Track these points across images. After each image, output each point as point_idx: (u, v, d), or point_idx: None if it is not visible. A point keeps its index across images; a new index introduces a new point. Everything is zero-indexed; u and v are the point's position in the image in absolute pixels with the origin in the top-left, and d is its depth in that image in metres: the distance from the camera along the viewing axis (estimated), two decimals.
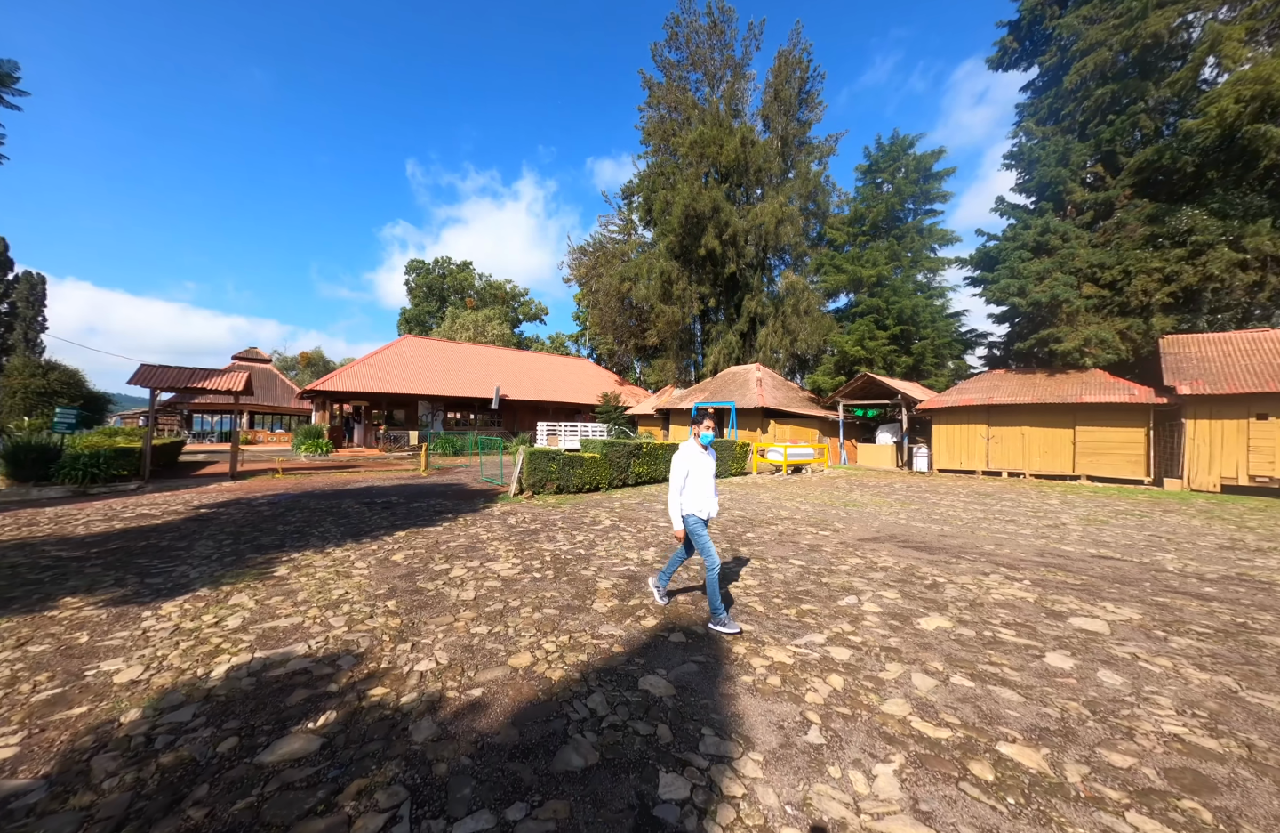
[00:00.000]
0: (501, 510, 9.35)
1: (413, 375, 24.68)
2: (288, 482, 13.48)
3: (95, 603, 4.48)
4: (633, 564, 5.79)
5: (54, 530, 7.71)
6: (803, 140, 32.11)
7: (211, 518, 8.64)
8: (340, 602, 4.46)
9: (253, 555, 6.11)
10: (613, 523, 8.31)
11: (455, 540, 6.88)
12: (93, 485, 11.85)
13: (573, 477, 11.27)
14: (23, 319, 35.07)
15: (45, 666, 3.30)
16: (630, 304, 33.26)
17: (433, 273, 62.59)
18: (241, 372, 15.07)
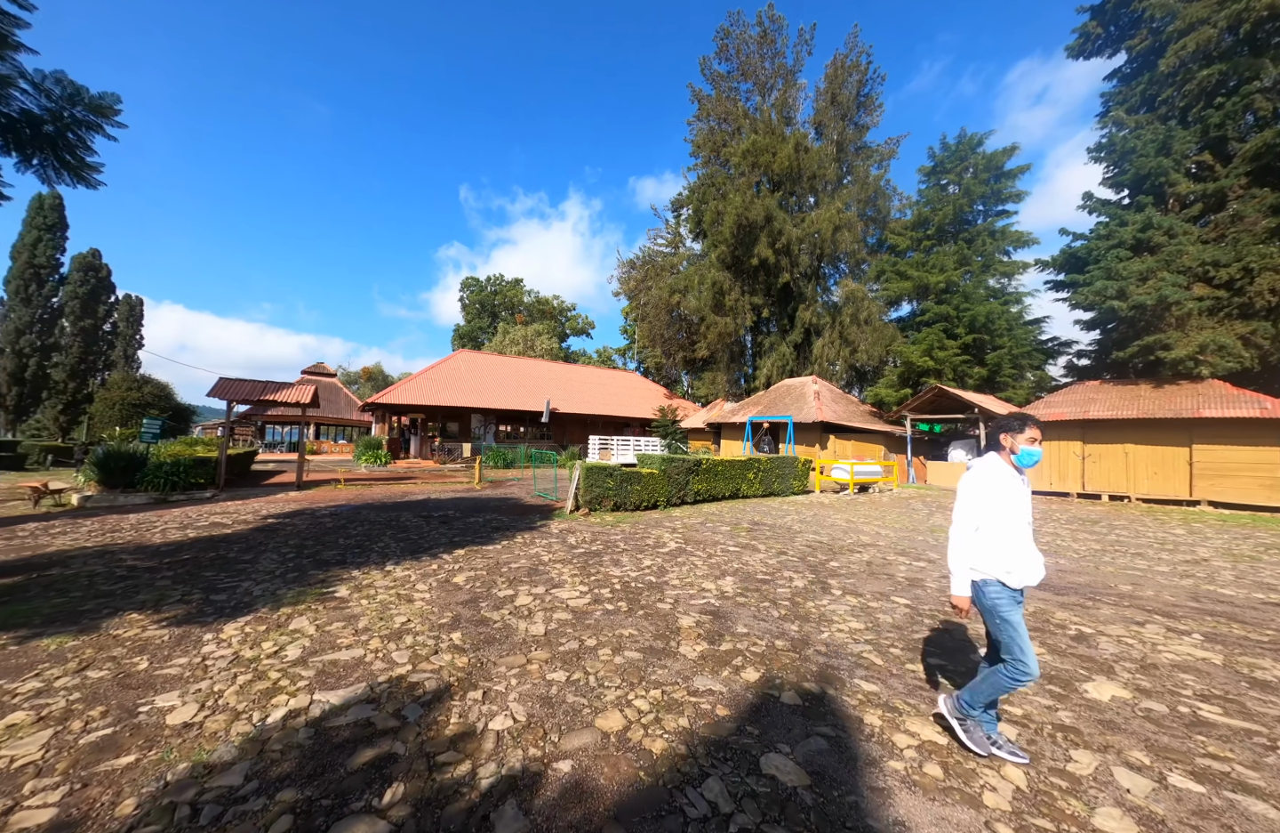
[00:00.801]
0: (559, 528, 8.95)
1: (466, 389, 25.15)
2: (349, 493, 13.70)
3: (160, 621, 4.32)
4: (712, 597, 5.18)
5: (133, 538, 7.91)
6: (860, 145, 31.15)
7: (278, 529, 8.68)
8: (403, 632, 4.09)
9: (315, 572, 5.93)
10: (678, 546, 7.72)
11: (516, 562, 6.49)
12: (173, 493, 12.40)
13: (630, 494, 10.78)
14: (123, 337, 38.65)
15: (101, 697, 3.06)
16: (679, 317, 32.91)
17: (485, 290, 64.81)
18: (309, 385, 15.62)
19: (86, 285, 34.15)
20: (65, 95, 5.95)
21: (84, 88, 6.12)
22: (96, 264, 34.94)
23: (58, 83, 5.92)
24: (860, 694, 3.22)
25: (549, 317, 62.93)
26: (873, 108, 31.12)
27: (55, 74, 5.88)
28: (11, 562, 6.39)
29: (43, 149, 5.97)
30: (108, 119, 6.34)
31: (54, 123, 5.93)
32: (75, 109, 6.02)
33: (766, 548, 7.66)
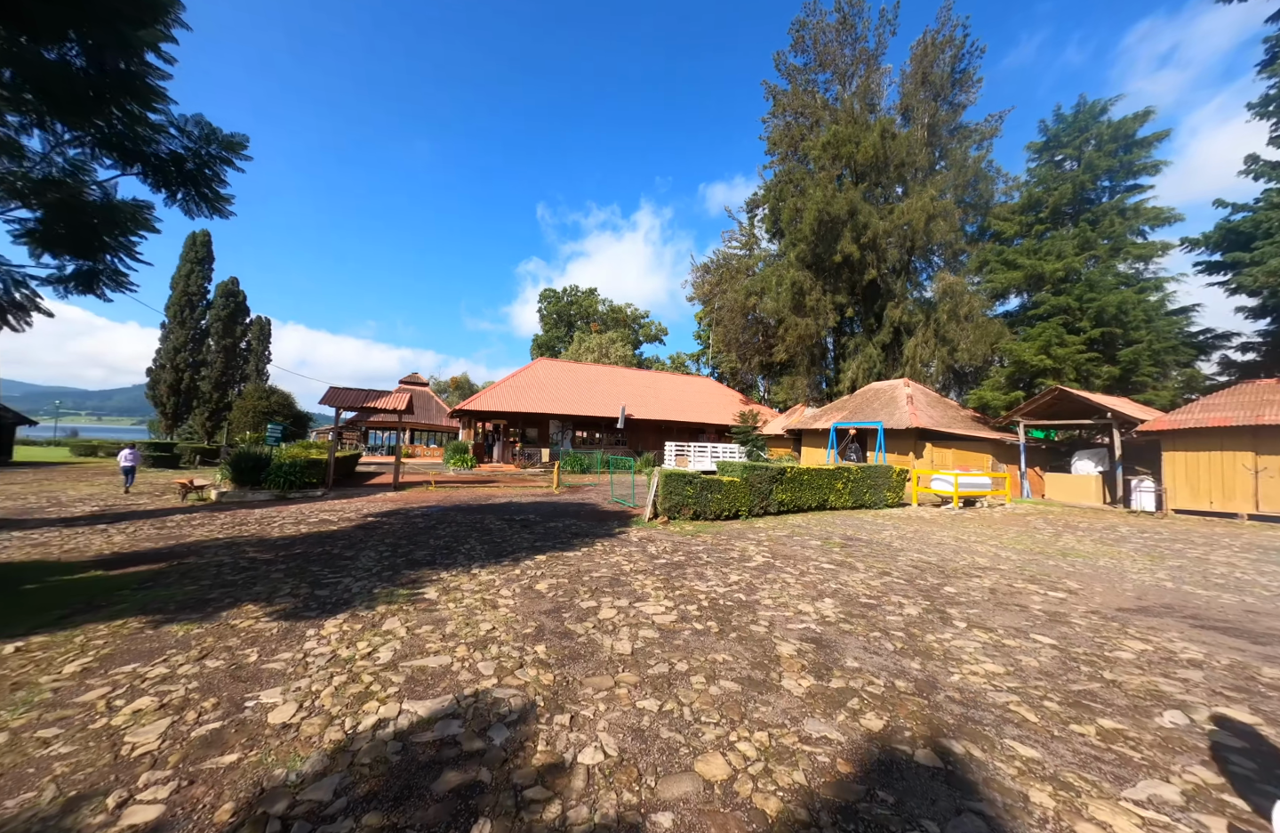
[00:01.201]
0: (638, 536, 8.72)
1: (545, 396, 25.92)
2: (439, 494, 14.41)
3: (270, 614, 4.56)
4: (811, 622, 4.66)
5: (256, 532, 8.70)
6: (955, 126, 28.70)
7: (376, 527, 9.20)
8: (488, 640, 4.00)
9: (407, 571, 6.10)
10: (765, 560, 7.20)
11: (597, 570, 6.31)
12: (290, 491, 13.68)
13: (710, 502, 10.35)
14: (255, 353, 44.16)
15: (214, 688, 3.18)
16: (755, 320, 31.94)
17: (561, 301, 67.13)
18: (405, 393, 16.73)
19: (227, 309, 39.40)
20: (202, 136, 6.67)
21: (218, 128, 6.84)
22: (235, 290, 40.24)
23: (197, 125, 6.65)
24: (1018, 761, 2.62)
25: (622, 324, 63.88)
26: (969, 84, 28.60)
27: (195, 117, 6.61)
28: (159, 550, 7.20)
29: (185, 185, 6.73)
30: (237, 155, 7.04)
31: (194, 160, 6.66)
32: (211, 147, 6.73)
33: (866, 567, 6.93)
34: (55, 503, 11.83)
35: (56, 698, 3.05)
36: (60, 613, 4.53)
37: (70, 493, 13.75)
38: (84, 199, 6.32)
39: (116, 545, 7.50)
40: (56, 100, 5.59)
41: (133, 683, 3.24)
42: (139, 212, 6.69)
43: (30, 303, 6.12)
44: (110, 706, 2.96)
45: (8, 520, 9.46)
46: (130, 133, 6.29)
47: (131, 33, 5.32)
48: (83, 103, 5.76)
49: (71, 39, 5.35)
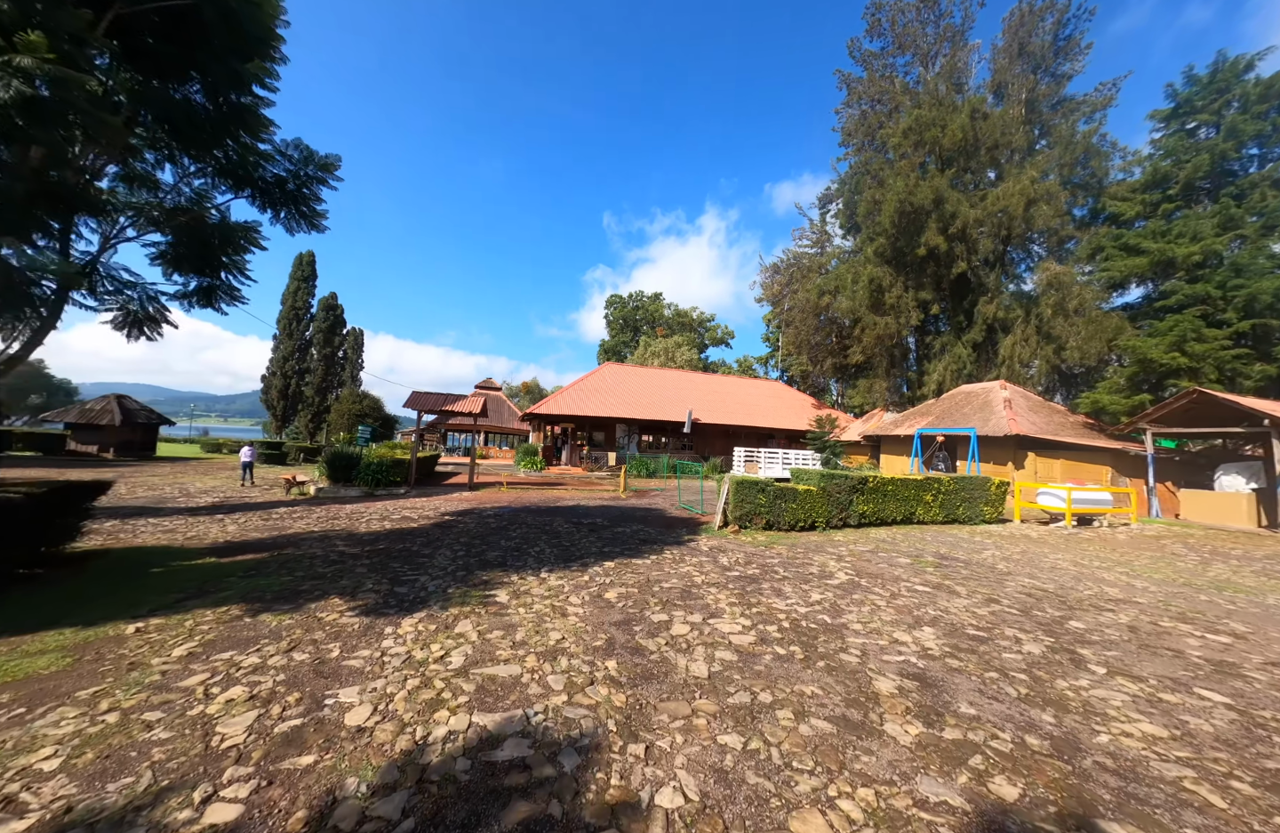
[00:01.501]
0: (708, 545, 8.37)
1: (612, 400, 26.13)
2: (510, 495, 14.79)
3: (353, 609, 4.71)
4: (911, 654, 4.12)
5: (346, 526, 9.26)
6: (1058, 99, 25.92)
7: (452, 526, 9.50)
8: (557, 651, 3.86)
9: (479, 572, 6.16)
10: (849, 577, 6.61)
11: (667, 580, 6.06)
12: (377, 488, 14.59)
13: (784, 512, 9.78)
14: (350, 361, 48.23)
15: (298, 682, 3.25)
16: (828, 320, 30.45)
17: (628, 306, 67.88)
18: (479, 397, 17.44)
19: (327, 321, 43.35)
20: (301, 158, 7.21)
21: (315, 151, 7.36)
22: (334, 304, 44.21)
23: (296, 148, 7.20)
24: None
25: (688, 328, 63.50)
26: (1075, 52, 25.72)
27: (295, 141, 7.16)
28: (264, 540, 7.81)
29: (287, 204, 7.31)
30: (330, 174, 7.56)
31: (294, 181, 7.21)
32: (309, 168, 7.26)
33: (968, 592, 6.16)
34: (185, 494, 13.34)
35: (163, 681, 3.23)
36: (177, 597, 4.94)
37: (197, 485, 15.49)
38: (205, 222, 7.02)
39: (229, 534, 8.23)
40: (183, 135, 6.22)
41: (229, 671, 3.39)
42: (249, 231, 7.34)
43: (161, 316, 6.87)
44: (207, 693, 3.10)
45: (146, 508, 10.73)
46: (242, 161, 6.91)
47: (241, 66, 5.81)
48: (204, 136, 6.38)
49: (193, 77, 5.92)
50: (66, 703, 2.94)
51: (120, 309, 6.57)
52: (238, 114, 6.30)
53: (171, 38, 5.34)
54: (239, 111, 6.29)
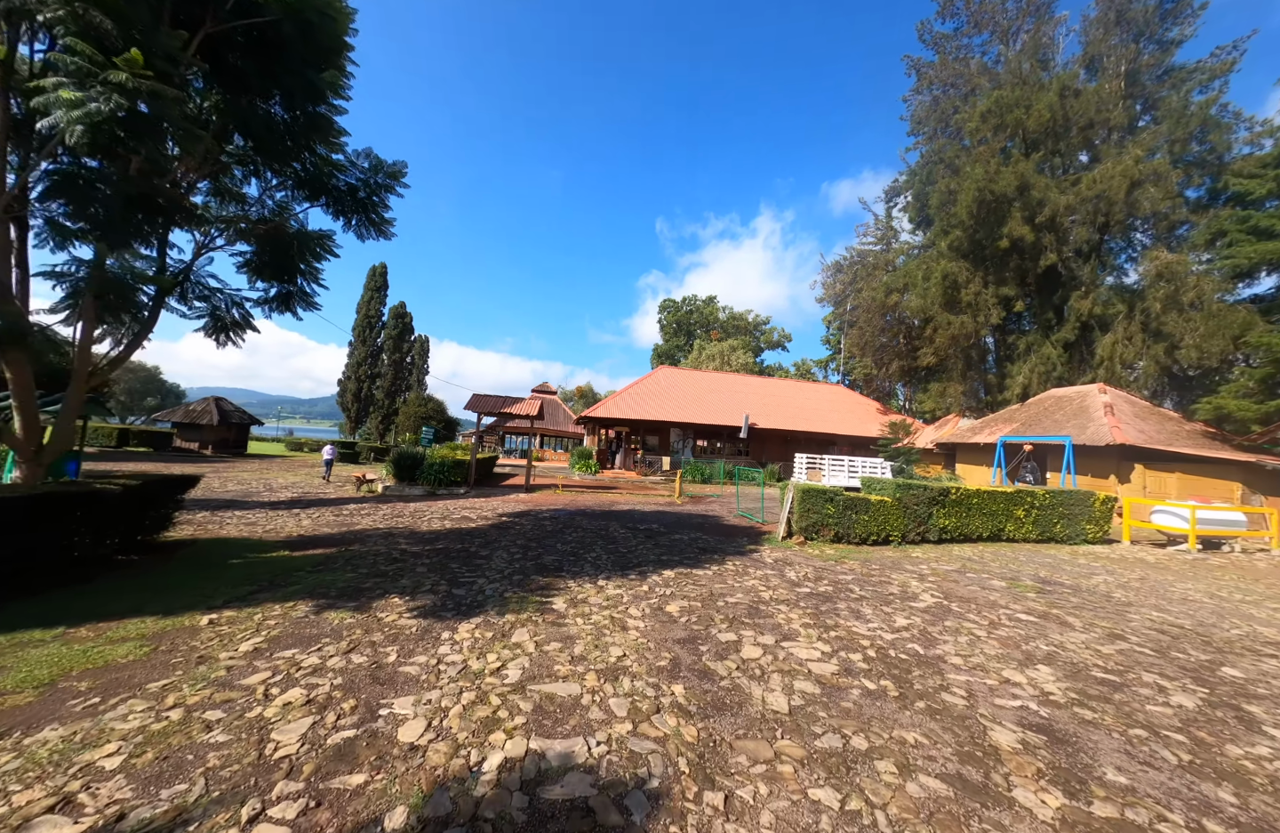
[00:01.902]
0: (773, 557, 7.84)
1: (666, 404, 25.82)
2: (565, 498, 14.78)
3: (412, 611, 4.63)
4: (1029, 698, 3.50)
5: (409, 524, 9.46)
6: (1166, 69, 23.21)
7: (509, 527, 9.49)
8: (619, 670, 3.56)
9: (536, 577, 6.00)
10: (936, 600, 5.91)
11: (732, 594, 5.64)
12: (439, 488, 15.00)
13: (855, 524, 9.06)
14: (417, 367, 50.78)
15: (354, 688, 3.13)
16: (896, 320, 28.72)
17: (681, 310, 67.51)
18: (536, 400, 17.64)
19: (397, 329, 45.86)
20: (371, 167, 7.43)
21: (384, 160, 7.57)
22: (403, 313, 46.75)
23: (366, 157, 7.43)
24: None
25: (743, 332, 62.27)
26: (1185, 15, 22.93)
27: (365, 151, 7.39)
28: (333, 535, 8.07)
29: (358, 212, 7.55)
30: (398, 182, 7.75)
31: (365, 189, 7.44)
32: (378, 176, 7.47)
33: (1085, 625, 5.33)
34: (268, 488, 14.25)
35: (227, 677, 3.21)
36: (250, 589, 5.07)
37: (279, 480, 16.56)
38: (285, 231, 7.36)
39: (303, 529, 8.58)
40: (266, 148, 6.53)
41: (289, 671, 3.33)
42: (324, 239, 7.64)
43: (246, 321, 7.25)
44: (267, 693, 3.03)
45: (234, 501, 11.49)
46: (318, 171, 7.20)
47: (317, 77, 6.01)
48: (284, 149, 6.68)
49: (273, 92, 6.19)
50: (137, 695, 2.95)
51: (210, 315, 6.99)
52: (314, 124, 6.56)
53: (253, 54, 5.62)
54: (315, 122, 6.55)
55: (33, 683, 3.03)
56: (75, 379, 5.46)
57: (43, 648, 3.51)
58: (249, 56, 5.59)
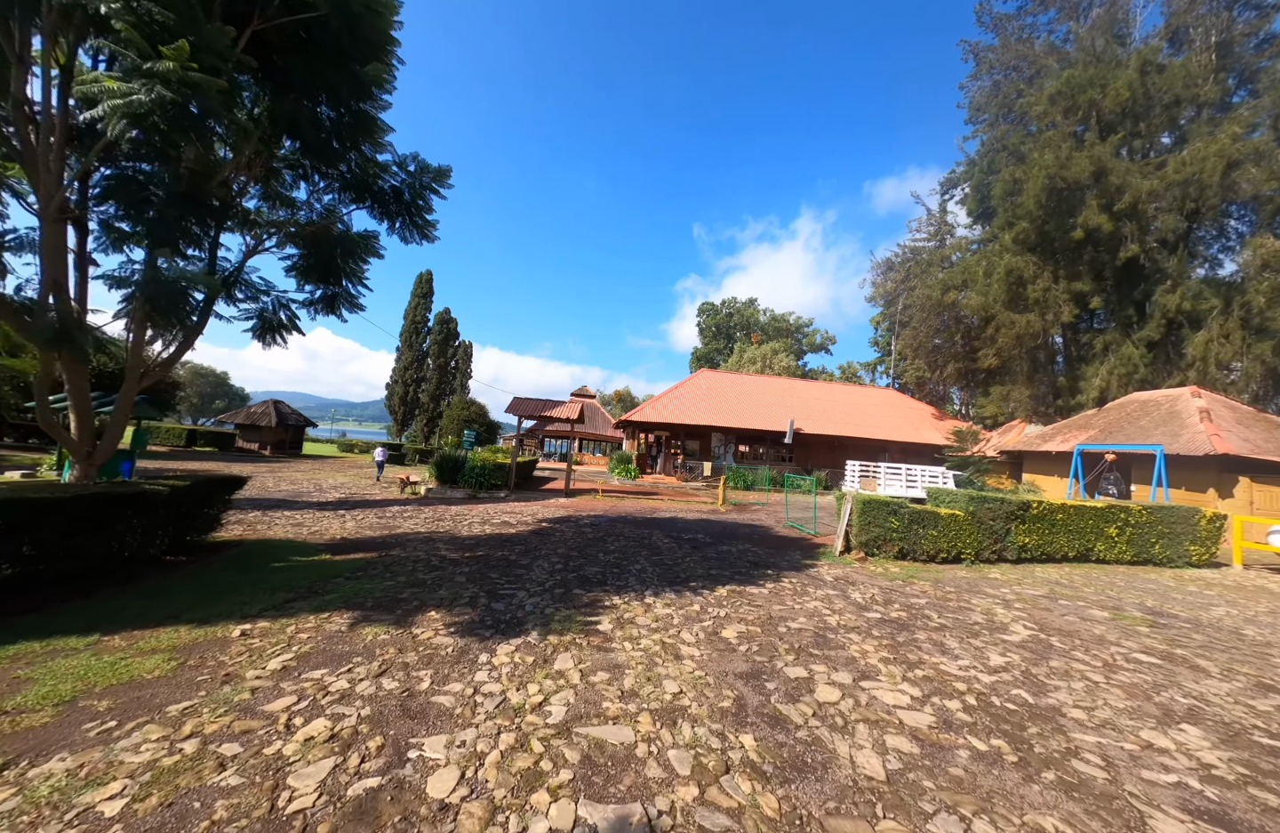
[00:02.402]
0: (832, 574, 7.19)
1: (707, 407, 25.20)
2: (605, 503, 14.44)
3: (450, 626, 4.32)
4: (1184, 771, 2.82)
5: (449, 528, 9.31)
6: (1266, 36, 20.98)
7: (549, 534, 9.20)
8: (676, 711, 3.10)
9: (579, 590, 5.62)
10: (1031, 633, 5.15)
11: (794, 618, 5.07)
12: (480, 491, 14.97)
13: (922, 539, 8.26)
14: (460, 371, 52.03)
15: (383, 721, 2.80)
16: (953, 319, 27.07)
17: (720, 313, 66.57)
18: (577, 403, 17.42)
19: (441, 334, 47.13)
20: (418, 169, 7.31)
21: (429, 163, 7.46)
22: (447, 319, 48.01)
23: (414, 161, 7.32)
24: None
25: (784, 334, 60.73)
26: None
27: (412, 155, 7.29)
28: (375, 539, 7.97)
29: (402, 214, 7.45)
30: (443, 184, 7.62)
31: (409, 191, 7.33)
32: (424, 178, 7.35)
33: (1222, 671, 4.47)
34: (318, 489, 14.58)
35: (251, 702, 2.95)
36: (287, 597, 4.91)
37: (329, 481, 16.99)
38: (331, 233, 7.33)
39: (347, 531, 8.55)
40: (313, 149, 6.48)
41: (315, 696, 3.05)
42: (368, 240, 7.58)
43: (292, 323, 7.26)
44: (289, 724, 2.74)
45: (285, 501, 11.73)
46: (364, 172, 7.12)
47: (361, 71, 5.90)
48: (331, 151, 6.63)
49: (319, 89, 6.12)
50: (155, 720, 2.72)
51: (258, 317, 7.02)
52: (359, 123, 6.49)
53: (299, 50, 5.56)
54: (360, 120, 6.48)
55: (54, 699, 2.85)
56: (128, 380, 5.53)
57: (73, 658, 3.37)
58: (295, 53, 5.54)
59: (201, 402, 74.00)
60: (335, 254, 7.28)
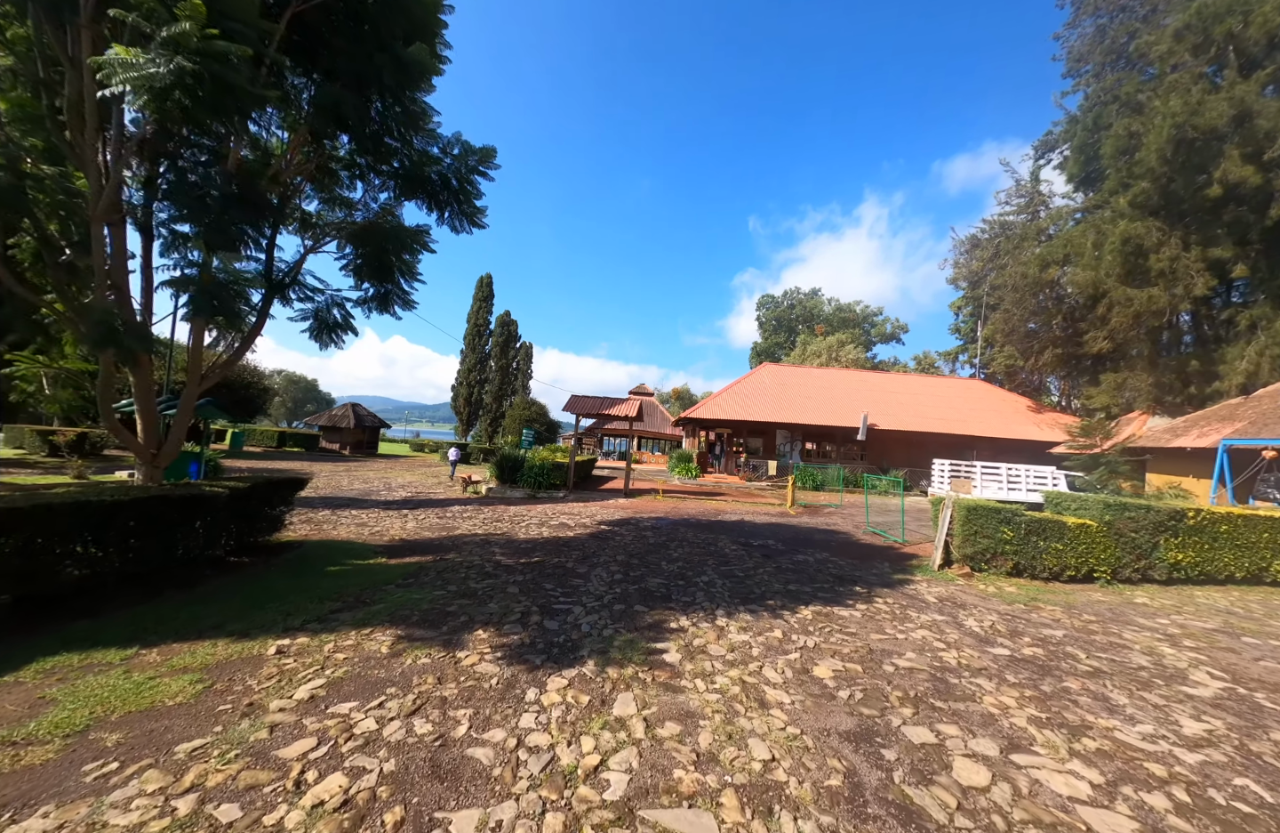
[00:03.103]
0: (934, 593, 6.14)
1: (771, 403, 23.92)
2: (666, 504, 13.81)
3: (496, 650, 3.83)
4: None
5: (507, 530, 9.03)
6: None
7: (608, 538, 8.69)
8: (769, 789, 2.39)
9: (640, 608, 5.01)
10: (1224, 686, 3.96)
11: (899, 652, 4.18)
12: (539, 490, 14.79)
13: (1044, 554, 6.96)
14: (521, 372, 53.26)
15: (405, 782, 2.30)
16: (1051, 299, 24.03)
17: (782, 305, 63.98)
18: (635, 400, 16.91)
19: (503, 336, 48.37)
20: (462, 152, 6.97)
21: (473, 144, 7.10)
22: (508, 321, 49.20)
23: (458, 143, 6.98)
24: None
25: (851, 325, 57.36)
26: None
27: (455, 136, 6.95)
28: (432, 541, 7.78)
29: (451, 202, 7.14)
30: (489, 165, 7.24)
31: (456, 177, 7.00)
32: (470, 160, 6.99)
33: None
34: (387, 487, 14.98)
35: (267, 743, 2.55)
36: (333, 606, 4.64)
37: (399, 479, 17.51)
38: (383, 228, 7.15)
39: (407, 532, 8.46)
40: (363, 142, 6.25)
41: (338, 738, 2.61)
42: (420, 234, 7.35)
43: (347, 322, 7.15)
44: (299, 781, 2.29)
45: (355, 500, 12.01)
46: (414, 165, 6.86)
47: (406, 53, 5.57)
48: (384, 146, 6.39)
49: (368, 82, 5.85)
50: (159, 764, 2.37)
51: (313, 317, 6.96)
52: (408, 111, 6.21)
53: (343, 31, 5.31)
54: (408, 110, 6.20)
55: (66, 729, 2.58)
56: (189, 382, 5.56)
57: (104, 676, 3.16)
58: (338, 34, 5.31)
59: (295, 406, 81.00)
60: (388, 250, 7.10)
